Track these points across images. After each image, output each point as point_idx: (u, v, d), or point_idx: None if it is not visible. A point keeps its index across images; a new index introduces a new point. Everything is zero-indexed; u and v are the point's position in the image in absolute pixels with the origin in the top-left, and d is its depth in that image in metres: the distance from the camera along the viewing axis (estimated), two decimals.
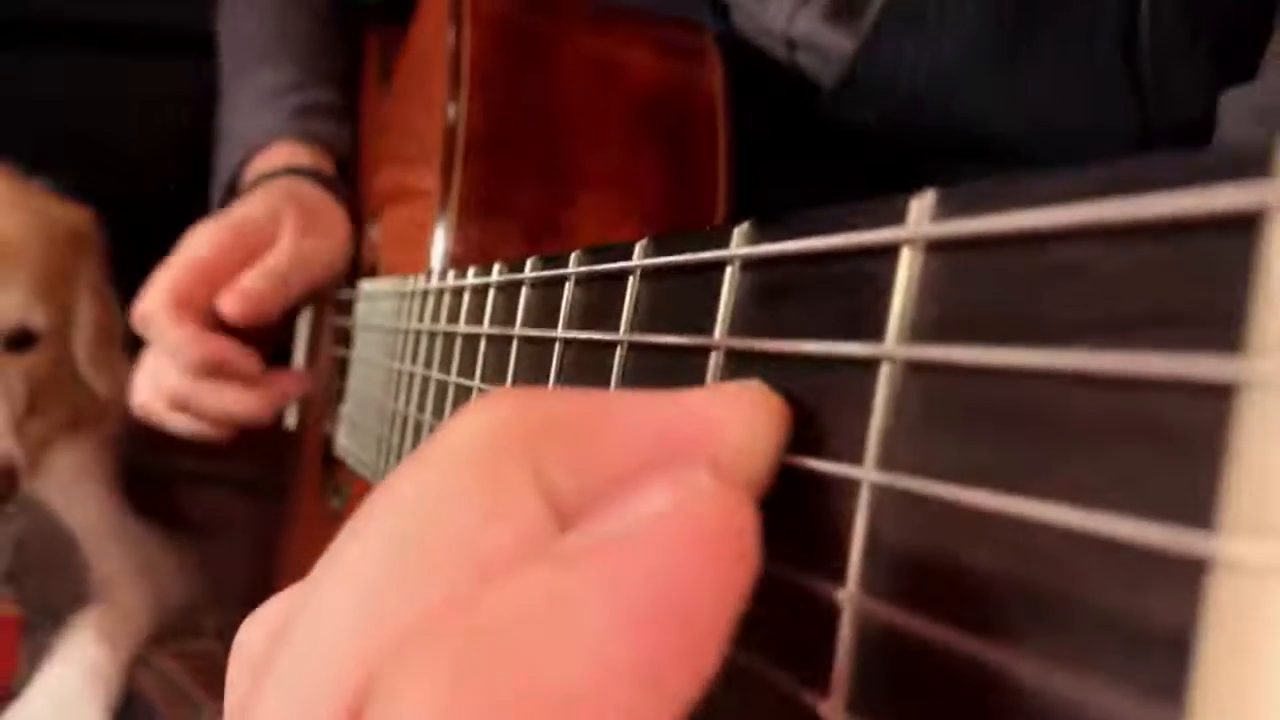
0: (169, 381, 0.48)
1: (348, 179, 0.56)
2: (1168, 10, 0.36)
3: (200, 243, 0.47)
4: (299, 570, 0.13)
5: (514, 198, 0.41)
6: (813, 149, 0.45)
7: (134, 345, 0.52)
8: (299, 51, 0.57)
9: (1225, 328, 0.08)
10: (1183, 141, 0.37)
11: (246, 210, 0.49)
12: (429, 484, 0.10)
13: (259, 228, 0.48)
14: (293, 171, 0.52)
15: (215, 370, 0.47)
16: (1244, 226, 0.07)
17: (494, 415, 0.11)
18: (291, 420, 0.60)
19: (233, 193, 0.54)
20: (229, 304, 0.46)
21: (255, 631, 0.13)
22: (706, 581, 0.09)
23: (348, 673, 0.09)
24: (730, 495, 0.10)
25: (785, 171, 0.47)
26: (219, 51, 0.60)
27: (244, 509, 0.73)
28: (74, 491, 0.64)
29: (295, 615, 0.10)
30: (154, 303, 0.46)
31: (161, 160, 0.62)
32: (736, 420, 0.12)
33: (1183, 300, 0.08)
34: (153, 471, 0.71)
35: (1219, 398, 0.07)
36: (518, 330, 0.23)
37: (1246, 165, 0.07)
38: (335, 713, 0.09)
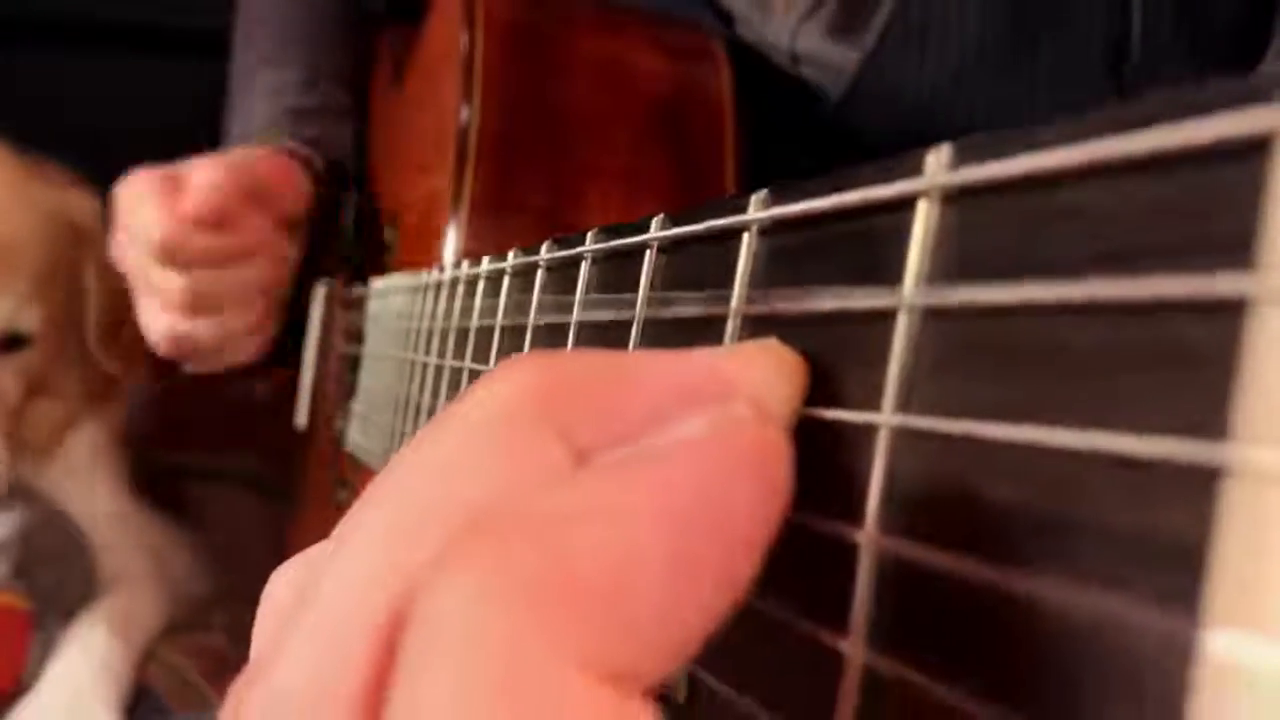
0: (176, 285, 0.48)
1: (342, 177, 0.57)
2: (1164, 22, 0.37)
3: (140, 191, 0.47)
4: None
5: (525, 196, 0.41)
6: (818, 154, 0.46)
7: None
8: (302, 52, 0.58)
9: (1235, 248, 0.08)
10: None
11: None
12: (451, 445, 0.11)
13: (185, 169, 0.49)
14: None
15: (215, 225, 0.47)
16: (1250, 150, 0.08)
17: (516, 379, 0.11)
18: (302, 418, 0.60)
19: None
20: (201, 202, 0.46)
21: (283, 581, 0.13)
22: (743, 499, 0.09)
23: (378, 608, 0.10)
24: (768, 426, 0.10)
25: (791, 175, 0.47)
26: (231, 55, 0.61)
27: (253, 505, 0.73)
28: (86, 484, 0.64)
29: (322, 565, 0.11)
30: (173, 228, 0.46)
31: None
32: (755, 374, 0.12)
33: (1192, 227, 0.08)
34: (163, 467, 0.72)
35: (1230, 314, 0.08)
36: (533, 314, 0.23)
37: (1252, 94, 0.08)
38: (368, 643, 0.10)
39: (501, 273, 0.26)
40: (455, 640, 0.08)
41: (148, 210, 0.47)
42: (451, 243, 0.41)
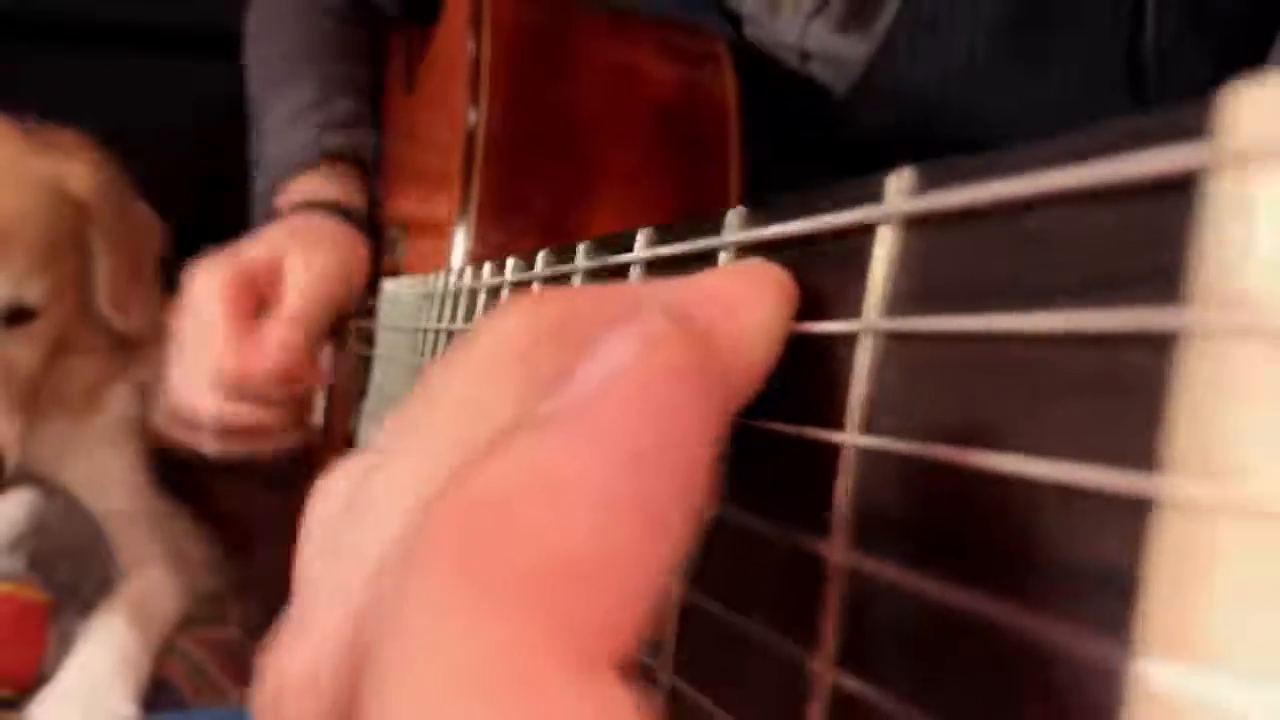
0: (213, 401, 0.49)
1: (374, 180, 0.58)
2: (1172, 14, 0.36)
3: (219, 296, 0.48)
4: None
5: (531, 199, 0.42)
6: (824, 155, 0.46)
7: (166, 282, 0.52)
8: (319, 66, 0.58)
9: (1168, 282, 0.08)
10: None
11: (248, 250, 0.50)
12: (448, 388, 0.11)
13: (260, 263, 0.49)
14: (313, 205, 0.53)
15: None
16: (1183, 186, 0.08)
17: (504, 322, 0.11)
18: (317, 416, 0.61)
19: (269, 218, 0.55)
20: (271, 362, 0.47)
21: (325, 496, 0.13)
22: (677, 419, 0.09)
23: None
24: (684, 333, 0.10)
25: (797, 177, 0.47)
26: (247, 69, 0.62)
27: (268, 501, 0.74)
28: (104, 476, 0.66)
29: (358, 490, 0.11)
30: (243, 367, 0.47)
31: (189, 160, 0.64)
32: (745, 290, 0.12)
33: (1131, 258, 0.08)
34: (180, 463, 0.73)
35: (1163, 348, 0.08)
36: None
37: (1183, 128, 0.08)
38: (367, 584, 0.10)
39: (500, 285, 0.26)
40: (425, 640, 0.08)
41: (217, 339, 0.47)
42: (459, 246, 0.41)
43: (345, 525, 0.11)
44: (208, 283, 0.49)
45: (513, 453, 0.09)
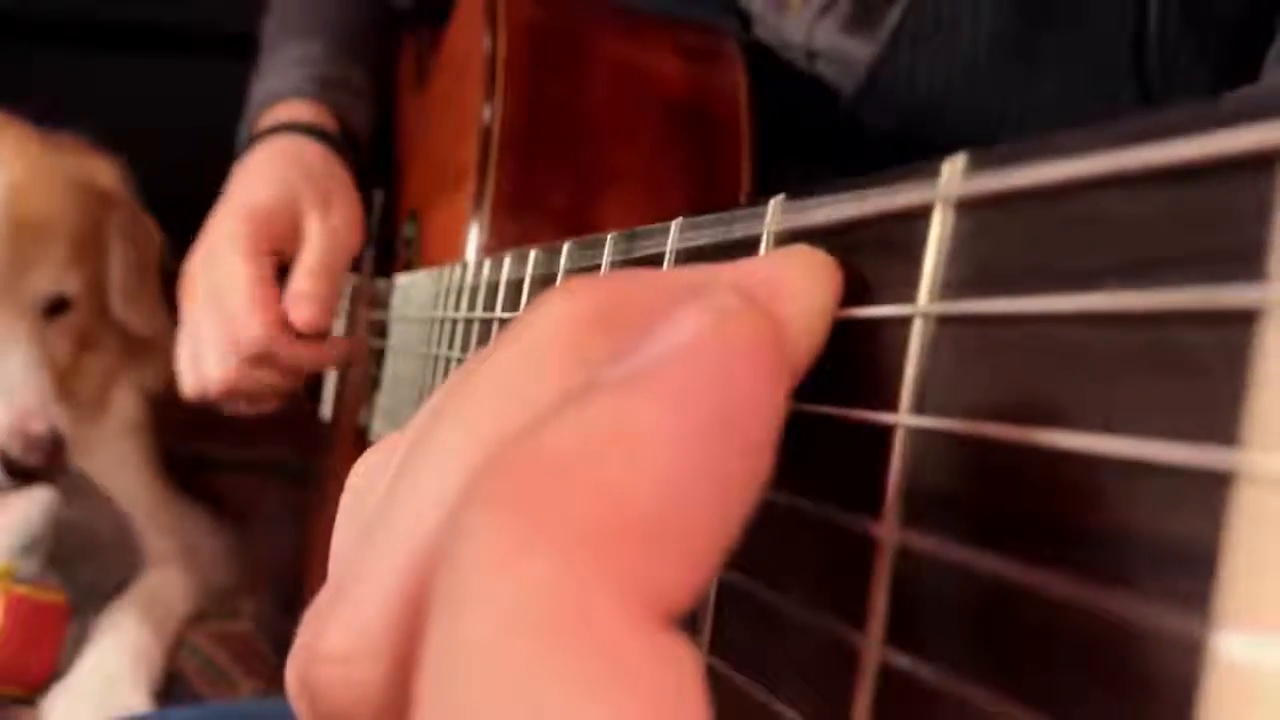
0: (225, 369, 0.49)
1: (362, 155, 0.58)
2: (1174, 15, 0.37)
3: (242, 262, 0.48)
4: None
5: (545, 195, 0.42)
6: (831, 154, 0.46)
7: (170, 282, 0.53)
8: (331, 32, 0.59)
9: (1245, 260, 0.08)
10: None
11: (260, 197, 0.50)
12: (495, 377, 0.11)
13: (277, 213, 0.50)
14: (289, 128, 0.53)
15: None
16: (1260, 165, 0.08)
17: (551, 309, 0.11)
18: (327, 411, 0.61)
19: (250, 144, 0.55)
20: (302, 313, 0.47)
21: (362, 473, 0.14)
22: (751, 390, 0.09)
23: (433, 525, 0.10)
24: (756, 310, 0.10)
25: (803, 176, 0.48)
26: (266, 16, 0.62)
27: (279, 496, 0.74)
28: (116, 474, 0.66)
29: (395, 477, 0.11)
30: (270, 340, 0.47)
31: (190, 160, 0.64)
32: (794, 275, 0.12)
33: (1204, 238, 0.09)
34: (191, 459, 0.73)
35: (1241, 324, 0.08)
36: None
37: (1263, 109, 0.08)
38: (413, 557, 0.10)
39: (523, 279, 0.26)
40: (489, 592, 0.08)
41: (242, 303, 0.47)
42: (473, 240, 0.41)
43: (386, 502, 0.11)
44: (228, 242, 0.49)
45: (587, 409, 0.09)
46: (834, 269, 0.13)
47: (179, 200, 0.70)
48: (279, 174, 0.51)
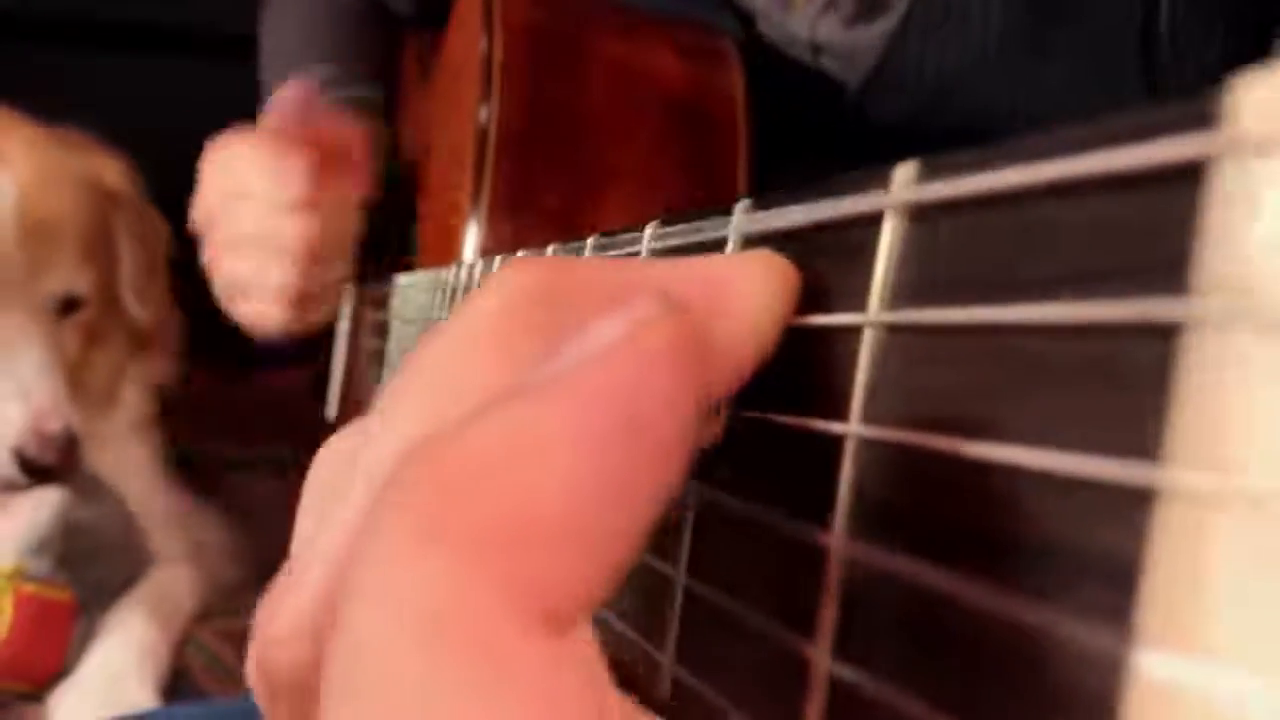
0: (314, 230, 0.49)
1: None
2: (1182, 7, 0.36)
3: (271, 129, 0.49)
4: None
5: (542, 195, 0.42)
6: (836, 149, 0.46)
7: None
8: (336, 54, 0.59)
9: (1172, 272, 0.08)
10: None
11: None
12: (442, 356, 0.11)
13: (322, 139, 0.51)
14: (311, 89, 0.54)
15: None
16: (1188, 176, 0.08)
17: (488, 301, 0.12)
18: (332, 410, 0.62)
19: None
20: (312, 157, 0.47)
21: (327, 458, 0.14)
22: (660, 398, 0.09)
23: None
24: (675, 318, 0.10)
25: (809, 172, 0.47)
26: (260, 60, 0.63)
27: (285, 494, 0.75)
28: (124, 470, 0.67)
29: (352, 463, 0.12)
30: (311, 184, 0.47)
31: (190, 160, 0.65)
32: (745, 278, 0.12)
33: (1136, 249, 0.08)
34: (199, 458, 0.74)
35: (1166, 337, 0.08)
36: None
37: (1190, 118, 0.08)
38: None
39: None
40: (383, 590, 0.08)
41: (270, 170, 0.48)
42: (471, 241, 0.41)
43: (333, 491, 0.12)
44: (233, 149, 0.49)
45: (489, 417, 0.09)
46: (790, 273, 0.13)
47: (178, 202, 0.71)
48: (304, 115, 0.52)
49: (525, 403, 0.09)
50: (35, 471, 0.59)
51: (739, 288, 0.12)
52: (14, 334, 0.60)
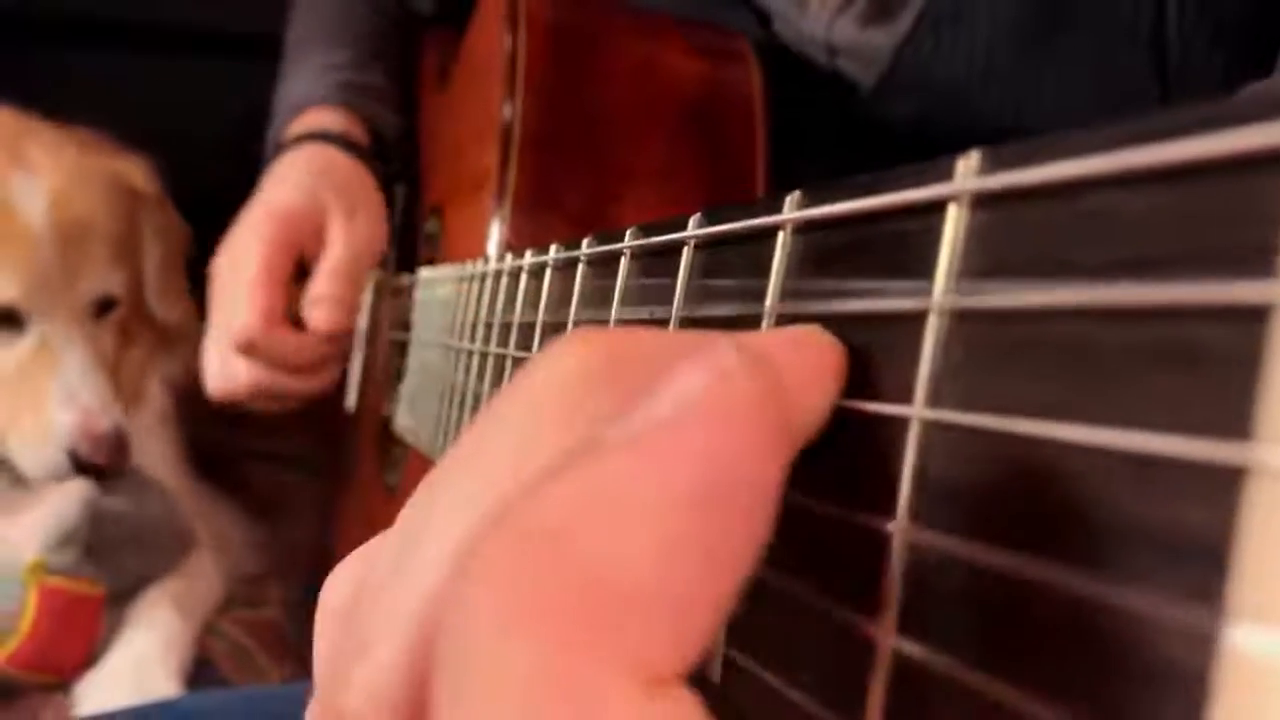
0: (252, 375, 0.50)
1: (391, 160, 0.58)
2: (1191, 10, 0.36)
3: (256, 255, 0.49)
4: (355, 543, 0.14)
5: (564, 192, 0.42)
6: (850, 149, 0.46)
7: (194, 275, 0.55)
8: (355, 39, 0.59)
9: (1258, 256, 0.08)
10: None
11: (287, 200, 0.51)
12: (493, 439, 0.11)
13: (302, 217, 0.51)
14: (319, 137, 0.54)
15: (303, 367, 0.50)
16: (1271, 164, 0.08)
17: (557, 362, 0.11)
18: (351, 401, 0.62)
19: (277, 152, 0.56)
20: (320, 317, 0.48)
21: (338, 584, 0.13)
22: (748, 452, 0.09)
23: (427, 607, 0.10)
24: (757, 367, 0.10)
25: (823, 171, 0.48)
26: (289, 23, 0.63)
27: (305, 485, 0.76)
28: (151, 464, 0.67)
29: (384, 573, 0.11)
30: (255, 329, 0.48)
31: (191, 160, 0.66)
32: (796, 361, 0.12)
33: (1217, 235, 0.09)
34: (219, 449, 0.75)
35: (1253, 320, 0.08)
36: (573, 310, 0.24)
37: (1274, 108, 0.08)
38: (418, 630, 0.10)
39: (544, 266, 0.27)
40: (485, 668, 0.08)
41: (242, 292, 0.49)
42: (494, 236, 0.42)
43: (396, 563, 0.11)
44: (251, 235, 0.50)
45: (574, 477, 0.09)
46: (838, 355, 0.12)
47: (197, 201, 0.71)
48: (306, 181, 0.52)
49: (608, 460, 0.09)
50: (87, 471, 0.59)
51: (793, 368, 0.12)
52: (57, 337, 0.61)
